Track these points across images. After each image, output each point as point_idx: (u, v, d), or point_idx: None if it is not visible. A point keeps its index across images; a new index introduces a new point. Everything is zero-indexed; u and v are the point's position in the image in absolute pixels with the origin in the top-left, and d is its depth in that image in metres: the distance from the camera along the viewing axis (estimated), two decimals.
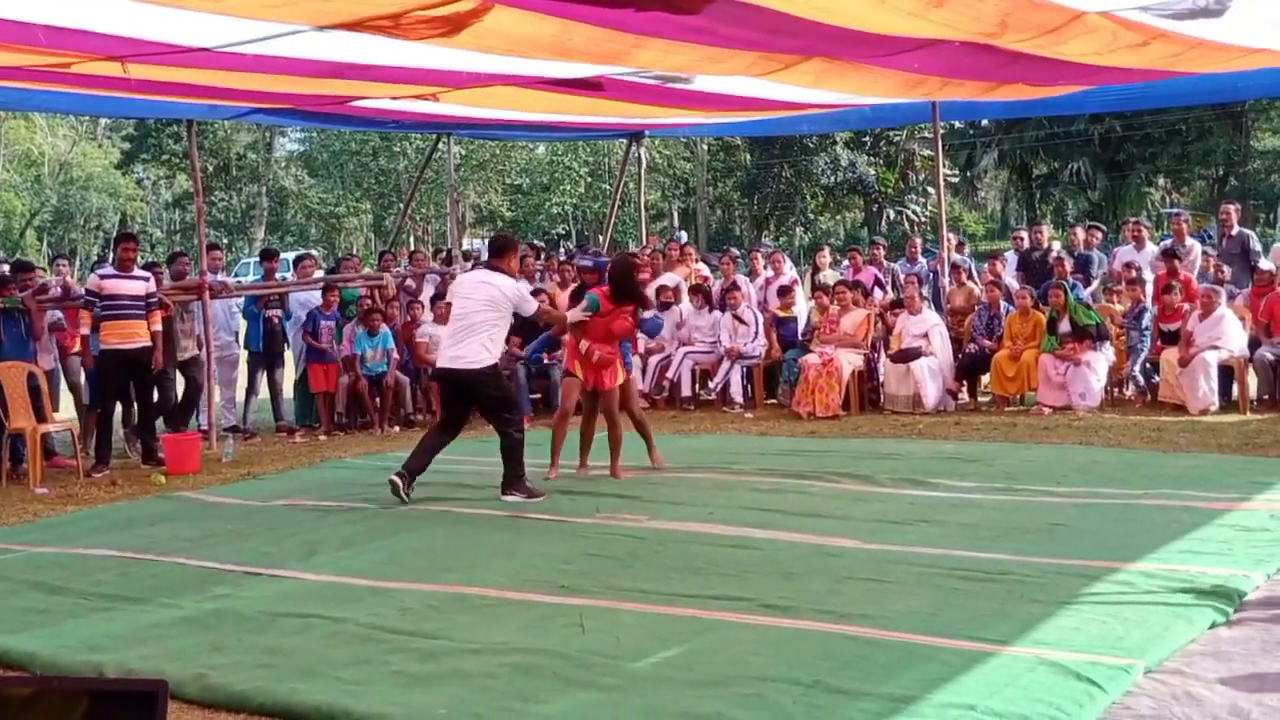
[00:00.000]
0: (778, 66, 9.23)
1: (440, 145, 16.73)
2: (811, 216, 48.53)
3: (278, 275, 14.36)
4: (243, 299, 12.92)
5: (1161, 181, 46.75)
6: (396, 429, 12.65)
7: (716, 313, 13.60)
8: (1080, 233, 14.85)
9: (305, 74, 9.52)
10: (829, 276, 14.48)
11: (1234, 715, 4.19)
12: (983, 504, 7.68)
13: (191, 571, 6.86)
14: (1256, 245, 13.46)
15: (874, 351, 13.00)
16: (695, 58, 8.64)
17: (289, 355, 13.50)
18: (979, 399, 12.83)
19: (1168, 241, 14.07)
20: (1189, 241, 13.77)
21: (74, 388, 11.70)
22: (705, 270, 15.54)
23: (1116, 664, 4.61)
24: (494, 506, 8.34)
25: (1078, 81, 11.48)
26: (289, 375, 13.52)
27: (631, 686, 4.66)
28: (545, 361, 13.02)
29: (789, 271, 14.96)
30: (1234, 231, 13.43)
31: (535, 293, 13.46)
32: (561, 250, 28.59)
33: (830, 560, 6.50)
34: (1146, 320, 12.09)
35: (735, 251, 17.18)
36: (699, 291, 13.77)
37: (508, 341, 13.22)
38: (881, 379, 12.83)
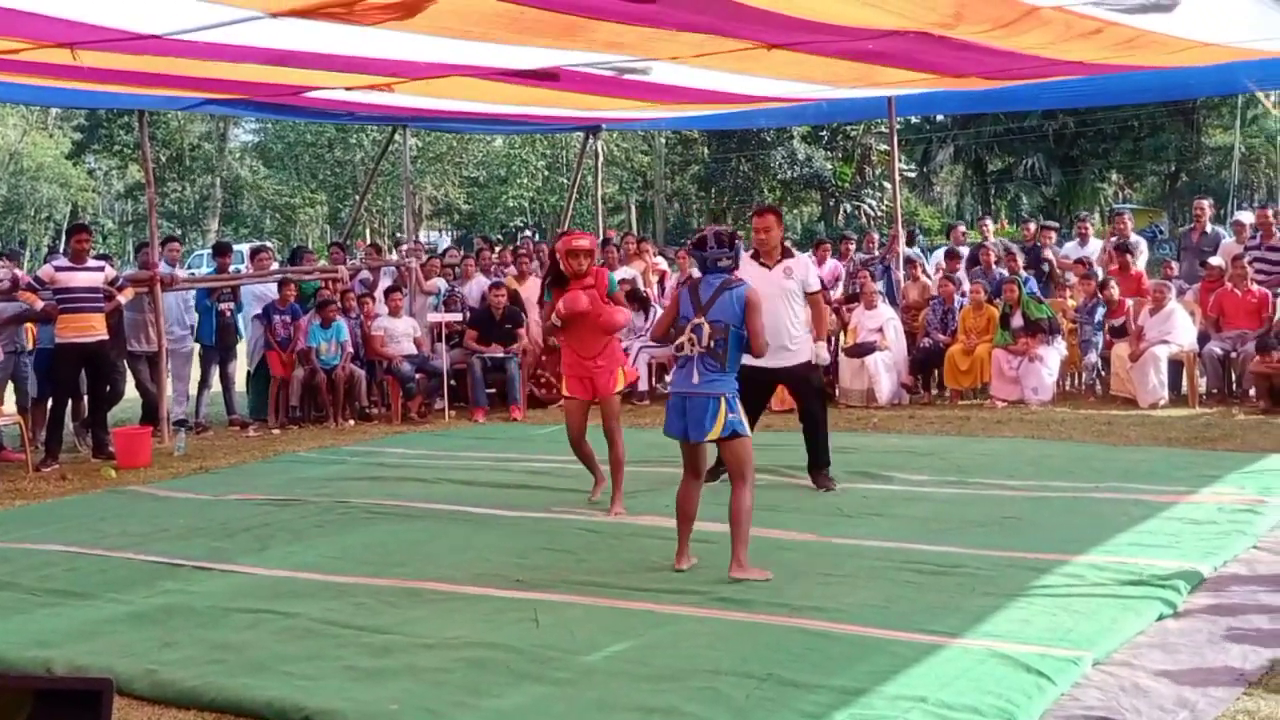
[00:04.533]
0: (732, 48, 9.19)
1: (396, 137, 16.64)
2: None
3: (231, 268, 14.23)
4: (194, 292, 12.80)
5: (1115, 177, 47.26)
6: (351, 422, 12.58)
7: (654, 309, 13.41)
8: (1033, 227, 14.99)
9: (258, 62, 9.43)
10: None
11: (1180, 706, 4.25)
12: (935, 497, 7.74)
13: (142, 566, 6.80)
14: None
15: (829, 346, 13.04)
16: (649, 36, 8.59)
17: (241, 348, 13.41)
18: (933, 393, 12.92)
19: (1113, 240, 14.21)
20: (1134, 238, 13.93)
21: (18, 380, 11.52)
22: (663, 264, 15.52)
23: (1066, 656, 4.66)
24: (447, 501, 8.31)
25: (1033, 74, 11.56)
26: (241, 368, 13.42)
27: (585, 680, 4.66)
28: (502, 355, 12.97)
29: None
30: (1208, 229, 13.53)
31: (494, 286, 13.45)
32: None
33: (784, 553, 6.53)
34: (1099, 315, 12.22)
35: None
36: (634, 298, 13.39)
37: (463, 336, 13.27)
38: (837, 373, 12.87)
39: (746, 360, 6.34)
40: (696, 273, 6.63)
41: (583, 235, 8.08)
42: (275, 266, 14.01)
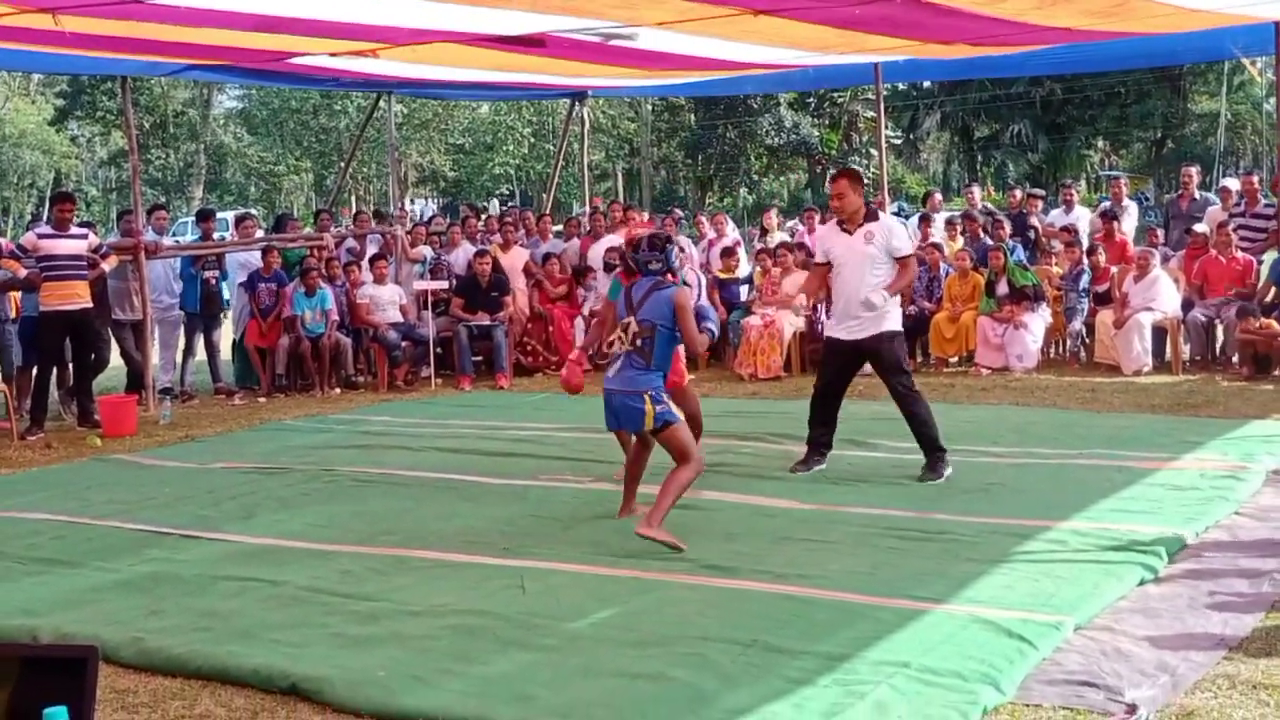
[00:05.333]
0: (718, 13, 9.13)
1: (381, 104, 16.55)
2: (756, 178, 48.58)
3: (215, 235, 14.18)
4: (179, 260, 12.75)
5: (1101, 144, 47.26)
6: (337, 390, 12.57)
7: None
8: (1019, 194, 15.00)
9: (242, 28, 9.37)
10: (777, 239, 14.49)
11: (1161, 670, 4.28)
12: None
13: (128, 535, 6.81)
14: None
15: (815, 313, 13.05)
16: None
17: (226, 316, 13.37)
18: (918, 360, 12.94)
19: (1106, 203, 14.24)
20: (1126, 203, 13.97)
21: (1, 349, 11.45)
22: None
23: (1047, 621, 4.69)
24: (433, 469, 8.32)
25: (1019, 41, 11.54)
26: (226, 336, 13.38)
27: (571, 647, 4.69)
28: (489, 323, 12.94)
29: (732, 233, 14.95)
30: (1195, 195, 13.54)
31: (479, 254, 13.43)
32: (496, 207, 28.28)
33: (770, 521, 6.56)
34: (1084, 282, 12.25)
35: (679, 213, 17.16)
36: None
37: (449, 304, 13.25)
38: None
39: (828, 330, 6.75)
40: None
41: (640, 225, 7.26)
42: (260, 234, 13.96)
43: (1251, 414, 9.16)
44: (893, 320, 7.59)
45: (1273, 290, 11.68)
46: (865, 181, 8.28)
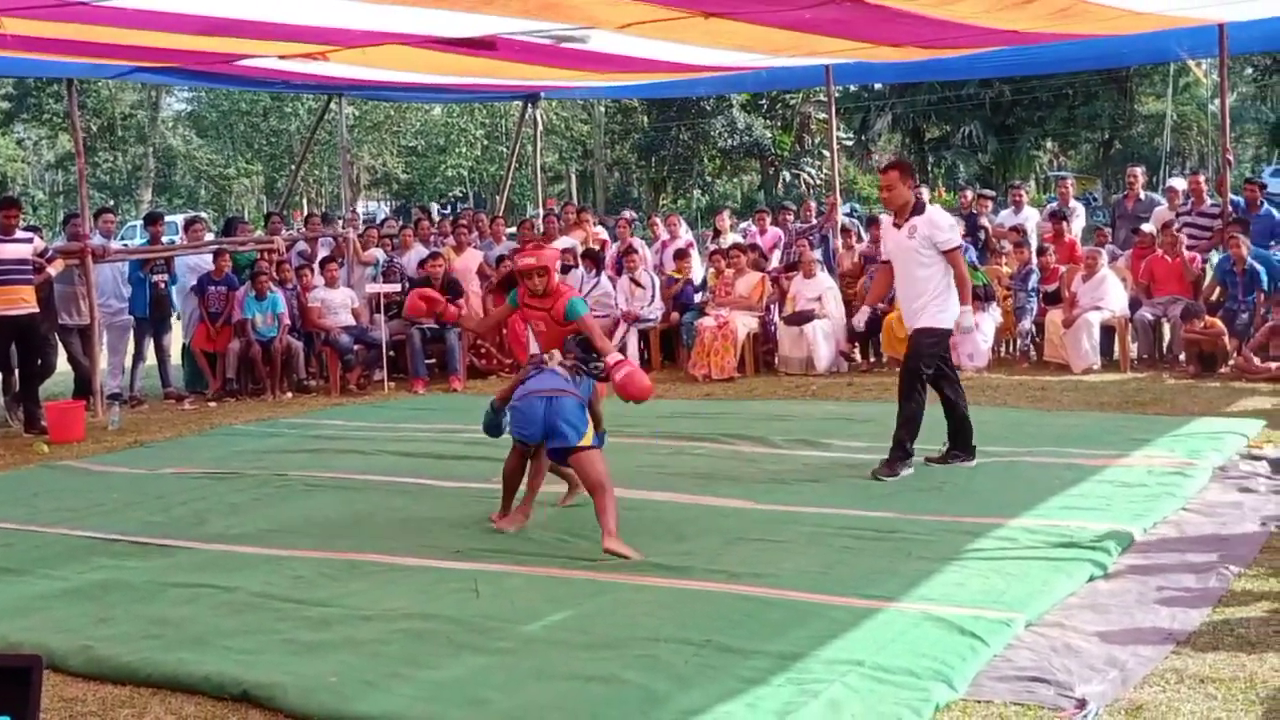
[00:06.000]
0: (669, 16, 9.15)
1: (332, 106, 16.46)
2: (709, 179, 48.66)
3: (164, 239, 14.05)
4: (128, 264, 12.61)
5: (1050, 144, 47.69)
6: (289, 394, 12.49)
7: (603, 276, 13.45)
8: (970, 195, 15.12)
9: (189, 31, 9.29)
10: (730, 240, 14.52)
11: (1110, 665, 4.33)
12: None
13: (77, 542, 6.73)
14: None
15: (768, 314, 13.11)
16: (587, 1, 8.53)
17: (176, 321, 13.24)
18: (871, 360, 13.02)
19: (1054, 204, 14.38)
20: (1073, 204, 14.12)
21: None
22: (603, 233, 15.50)
23: (998, 618, 4.73)
24: (386, 473, 8.28)
25: (969, 44, 11.64)
26: (176, 341, 13.26)
27: (524, 649, 4.68)
28: (441, 326, 12.87)
29: (685, 235, 14.96)
30: (1141, 195, 13.70)
31: (432, 256, 13.36)
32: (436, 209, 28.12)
33: (723, 521, 6.57)
34: (1033, 281, 12.37)
35: (631, 214, 17.16)
36: (590, 256, 13.67)
37: (401, 305, 13.15)
38: (776, 341, 12.94)
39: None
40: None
41: (532, 251, 6.81)
42: (210, 238, 13.84)
43: (1198, 411, 9.28)
44: (933, 316, 7.40)
45: (1218, 290, 11.86)
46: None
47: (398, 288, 13.29)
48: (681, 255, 13.97)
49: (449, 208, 39.95)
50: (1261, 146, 49.70)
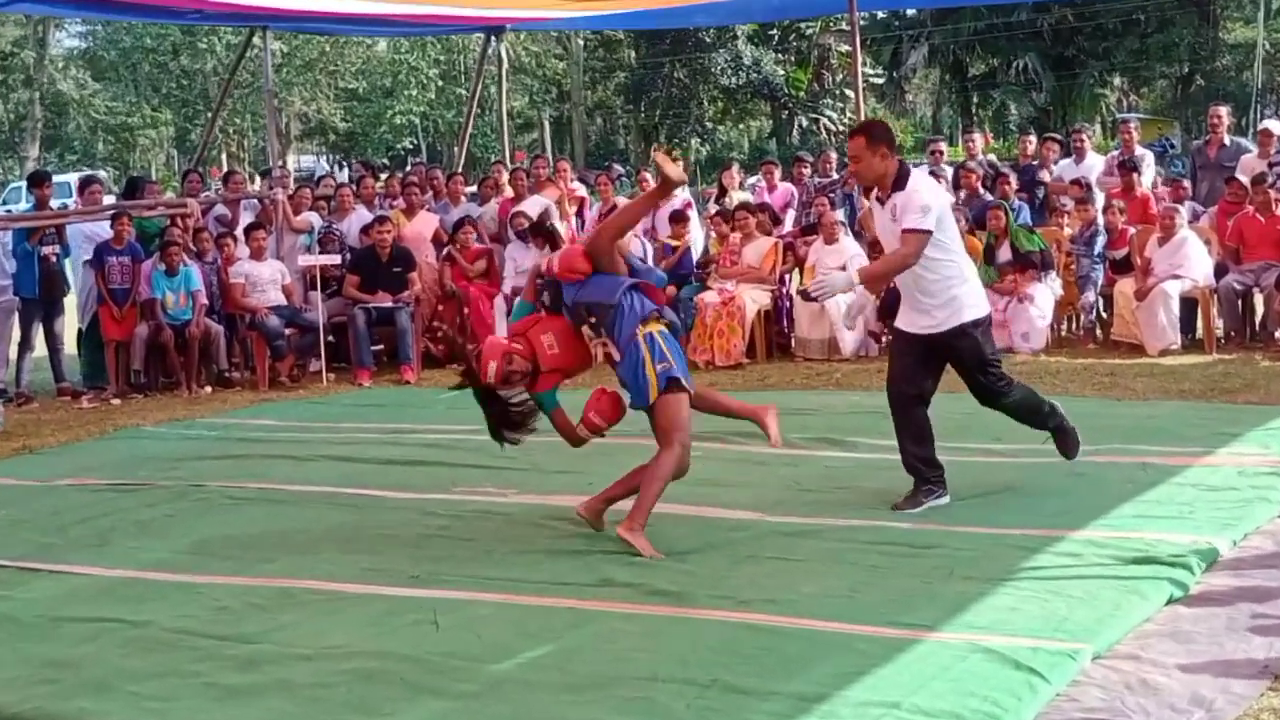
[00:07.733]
0: None
1: (255, 41, 16.41)
2: (709, 125, 48.68)
3: (54, 203, 14.01)
4: (10, 235, 12.57)
5: (1117, 81, 47.75)
6: (208, 389, 12.49)
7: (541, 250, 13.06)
8: (1033, 141, 15.04)
9: None
10: (737, 199, 14.46)
11: (1195, 705, 4.34)
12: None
13: None
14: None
15: (783, 288, 13.10)
16: None
17: (70, 302, 13.19)
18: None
19: (1116, 153, 14.34)
20: (1139, 151, 14.05)
21: None
22: (582, 191, 15.47)
23: (1060, 649, 4.74)
24: (326, 482, 8.27)
25: None
26: (70, 326, 13.22)
27: (494, 692, 4.69)
28: (391, 305, 12.83)
29: (682, 193, 14.96)
30: (1226, 141, 13.68)
31: (380, 220, 13.31)
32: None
33: (730, 536, 6.59)
34: (1099, 246, 12.34)
35: (618, 169, 17.15)
36: (540, 233, 13.09)
37: (342, 282, 13.15)
38: (793, 321, 12.94)
39: (899, 325, 6.94)
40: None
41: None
42: (109, 200, 13.79)
43: None
44: (962, 309, 6.94)
45: None
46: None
47: (337, 259, 13.25)
48: (678, 218, 13.91)
49: (398, 162, 39.97)
50: None
